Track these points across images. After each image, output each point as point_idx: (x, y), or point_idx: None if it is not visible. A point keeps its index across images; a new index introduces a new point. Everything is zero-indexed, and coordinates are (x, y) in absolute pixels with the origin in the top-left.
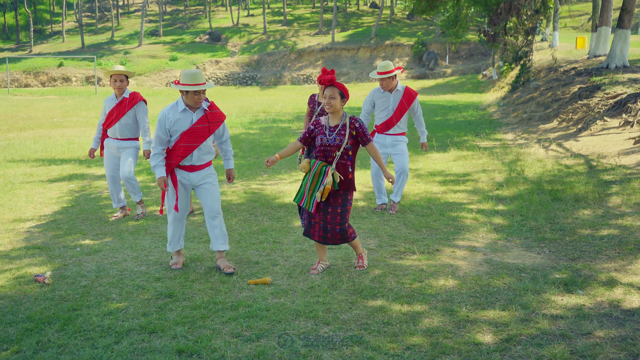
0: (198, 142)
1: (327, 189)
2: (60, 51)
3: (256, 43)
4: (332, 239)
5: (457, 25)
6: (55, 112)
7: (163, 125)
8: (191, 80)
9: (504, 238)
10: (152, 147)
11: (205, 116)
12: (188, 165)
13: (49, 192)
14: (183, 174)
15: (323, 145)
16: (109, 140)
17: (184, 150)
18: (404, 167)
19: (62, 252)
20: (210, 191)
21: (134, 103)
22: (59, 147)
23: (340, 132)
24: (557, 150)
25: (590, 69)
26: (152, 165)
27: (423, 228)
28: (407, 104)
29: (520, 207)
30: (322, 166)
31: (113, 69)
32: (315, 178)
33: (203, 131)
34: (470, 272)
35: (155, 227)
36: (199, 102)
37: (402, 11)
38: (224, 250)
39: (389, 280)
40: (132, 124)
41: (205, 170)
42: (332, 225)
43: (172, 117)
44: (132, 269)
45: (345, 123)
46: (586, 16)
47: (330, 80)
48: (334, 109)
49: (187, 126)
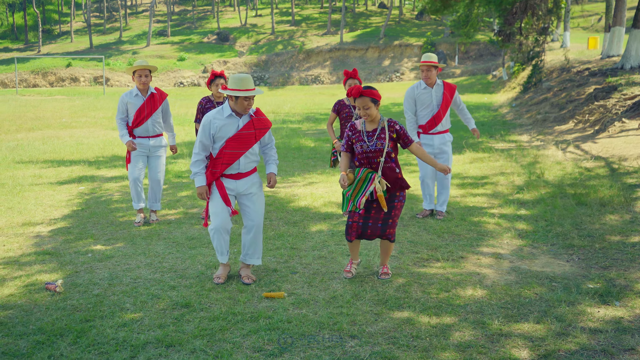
0: (244, 149)
1: (381, 197)
2: (68, 51)
3: (264, 43)
4: (372, 233)
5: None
6: (64, 112)
7: (207, 130)
8: (241, 85)
9: (530, 244)
10: (193, 153)
11: (252, 122)
12: (235, 173)
13: (58, 195)
14: (229, 183)
15: (365, 152)
16: (139, 141)
17: (230, 157)
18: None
19: (73, 258)
20: (255, 202)
21: (163, 98)
22: (67, 148)
23: (380, 136)
24: (575, 153)
25: (605, 70)
26: (193, 172)
27: (445, 234)
28: (450, 96)
29: (543, 212)
30: (367, 172)
31: (137, 64)
32: (360, 183)
33: (249, 138)
34: (499, 281)
35: (168, 232)
36: (247, 108)
37: (411, 11)
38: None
39: (414, 290)
40: (160, 120)
41: (252, 178)
42: (375, 220)
43: (218, 122)
44: (146, 276)
45: (383, 127)
46: (596, 16)
47: (359, 91)
48: (372, 117)
49: (233, 132)
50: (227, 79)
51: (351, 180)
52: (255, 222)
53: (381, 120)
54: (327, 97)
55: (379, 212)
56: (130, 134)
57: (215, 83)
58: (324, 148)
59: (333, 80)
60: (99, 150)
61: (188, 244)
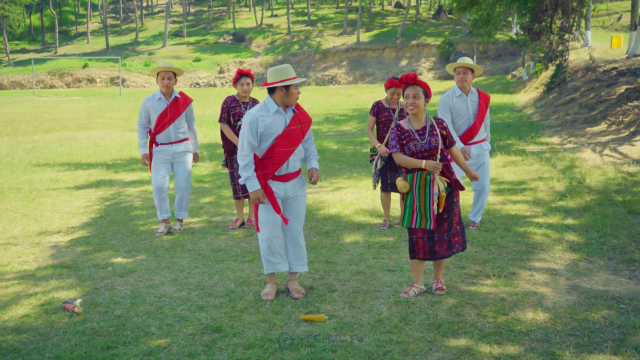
0: (294, 145)
1: (443, 197)
2: (84, 52)
3: (280, 43)
4: (455, 244)
5: (489, 24)
6: (80, 113)
7: (255, 129)
8: (287, 74)
9: (585, 259)
10: (240, 155)
11: (297, 116)
12: (283, 174)
13: (76, 201)
14: (277, 185)
15: (420, 151)
16: (162, 148)
17: (281, 156)
18: (484, 184)
19: (92, 273)
20: (299, 205)
21: (188, 103)
22: (85, 150)
23: (432, 133)
24: (612, 156)
25: (634, 69)
26: (244, 177)
27: (490, 246)
28: (485, 107)
29: (593, 222)
30: (425, 175)
31: (161, 66)
32: (422, 191)
33: (297, 133)
34: (560, 302)
35: (193, 243)
36: (297, 98)
37: (427, 11)
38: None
39: (468, 312)
40: (184, 125)
41: (299, 180)
42: (454, 230)
43: (266, 120)
44: (171, 294)
45: (432, 124)
46: (616, 15)
47: (414, 78)
48: (418, 109)
49: (282, 128)
50: (254, 78)
51: (407, 188)
52: (299, 227)
53: (427, 118)
54: (345, 97)
55: (452, 220)
56: (153, 141)
57: (241, 82)
58: (347, 151)
59: (350, 80)
60: (116, 153)
61: (214, 256)
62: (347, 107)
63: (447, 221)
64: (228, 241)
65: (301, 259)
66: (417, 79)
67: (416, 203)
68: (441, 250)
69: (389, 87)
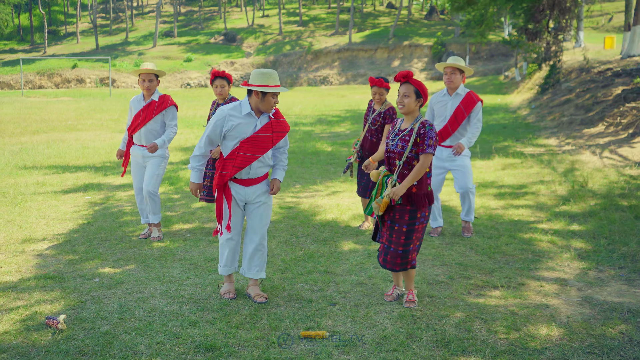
0: (259, 153)
1: (385, 202)
2: (74, 52)
3: (272, 44)
4: (392, 262)
5: (483, 25)
6: (69, 114)
7: (220, 127)
8: (269, 80)
9: (594, 267)
10: (197, 145)
11: (270, 124)
12: (245, 178)
13: (62, 206)
14: (237, 189)
15: (387, 151)
16: (134, 148)
17: (243, 160)
18: (466, 186)
19: (78, 285)
20: (262, 211)
21: (164, 107)
22: (73, 152)
23: (404, 137)
24: (612, 158)
25: (630, 70)
26: (190, 165)
27: (495, 254)
28: (465, 110)
29: (600, 228)
30: (384, 176)
31: (142, 67)
32: (379, 189)
33: (266, 141)
34: (574, 315)
35: (184, 251)
36: (273, 107)
37: (419, 11)
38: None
39: (478, 328)
40: (160, 131)
41: (262, 186)
42: (395, 245)
43: (234, 120)
44: (162, 308)
45: (413, 128)
46: (607, 16)
47: (406, 76)
48: (407, 108)
49: (250, 133)
50: (231, 80)
51: (375, 178)
52: (259, 232)
53: (416, 120)
54: (337, 98)
55: (399, 236)
56: (131, 140)
57: (215, 84)
58: (341, 153)
59: (342, 81)
60: (105, 155)
61: (207, 266)
62: (340, 108)
63: (394, 232)
64: None
65: (262, 266)
66: (410, 76)
67: (372, 196)
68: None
69: (371, 87)
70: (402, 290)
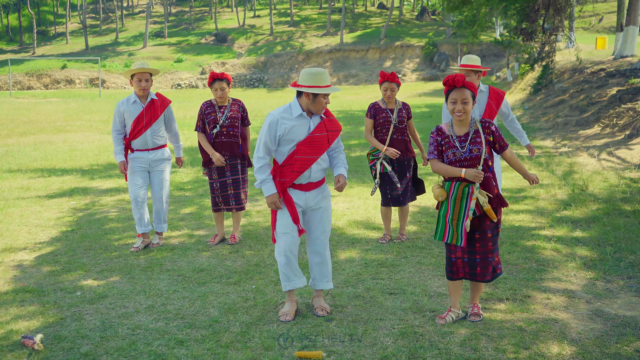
0: (317, 154)
1: (489, 210)
2: (63, 53)
3: (263, 44)
4: (482, 273)
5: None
6: (58, 115)
7: (274, 131)
8: (320, 80)
9: (602, 277)
10: (255, 157)
11: (324, 123)
12: (305, 183)
13: (46, 212)
14: (298, 195)
15: (458, 160)
16: (138, 155)
17: (302, 164)
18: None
19: (58, 299)
20: (324, 218)
21: (165, 105)
22: (60, 155)
23: (474, 140)
24: (611, 160)
25: (624, 70)
26: (259, 180)
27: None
28: (495, 105)
29: (604, 234)
30: (463, 187)
31: (135, 67)
32: (458, 203)
33: (322, 141)
34: (585, 331)
35: (172, 262)
36: (324, 108)
37: (411, 12)
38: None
39: (484, 346)
40: (162, 130)
41: (322, 189)
42: (484, 254)
43: (287, 123)
44: (147, 325)
45: (477, 129)
46: (597, 17)
47: (463, 80)
48: (467, 114)
49: (305, 134)
50: (231, 81)
51: (444, 197)
52: (322, 241)
53: (472, 121)
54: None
55: (486, 244)
56: (128, 147)
57: (214, 87)
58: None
59: (333, 81)
60: (93, 157)
61: (196, 278)
62: (332, 109)
63: (478, 241)
64: (211, 259)
65: (326, 275)
66: (465, 80)
67: (449, 215)
68: (459, 270)
69: (382, 82)
70: (460, 313)
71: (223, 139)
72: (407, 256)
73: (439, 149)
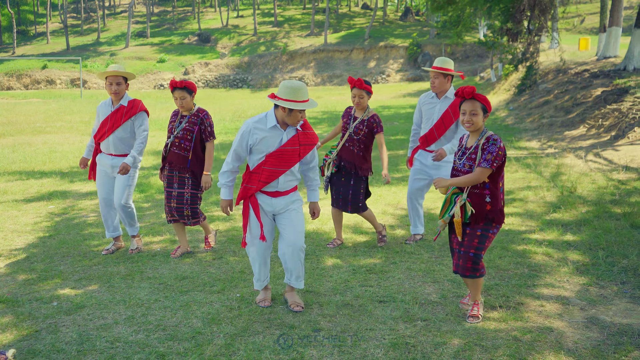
0: (285, 167)
1: (457, 222)
2: (44, 53)
3: (246, 44)
4: (463, 266)
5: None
6: (38, 116)
7: (245, 140)
8: (297, 95)
9: (595, 283)
10: (225, 161)
11: (297, 137)
12: (272, 191)
13: (24, 216)
14: (265, 199)
15: (455, 169)
16: (101, 157)
17: (269, 175)
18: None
19: (33, 310)
20: (294, 219)
21: (133, 113)
22: (39, 157)
23: (471, 155)
24: (598, 162)
25: (607, 71)
26: (219, 183)
27: (489, 268)
28: (454, 115)
29: (595, 238)
30: (452, 194)
31: (109, 70)
32: (445, 206)
33: (292, 155)
34: (581, 341)
35: (153, 269)
36: (299, 122)
37: (394, 12)
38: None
39: (479, 357)
40: (130, 138)
41: (292, 195)
42: (467, 248)
43: (259, 134)
44: (126, 337)
45: (478, 144)
46: (579, 18)
47: (472, 92)
48: (476, 126)
49: (275, 147)
50: (194, 89)
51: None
52: (294, 242)
53: (482, 134)
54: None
55: (472, 239)
56: (98, 147)
57: (174, 96)
58: (320, 156)
59: (317, 82)
60: (73, 159)
61: (178, 286)
62: (317, 110)
63: (467, 235)
64: (194, 266)
65: (298, 277)
66: (475, 92)
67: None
68: (463, 266)
69: (351, 88)
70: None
71: (174, 150)
72: (396, 262)
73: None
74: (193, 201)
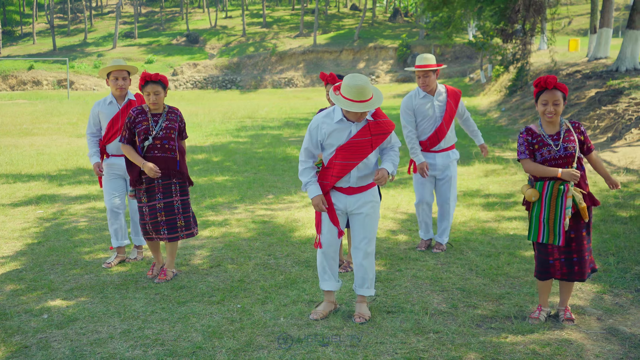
0: (357, 159)
1: (583, 208)
2: (30, 53)
3: (235, 45)
4: (580, 272)
5: (450, 26)
6: (25, 117)
7: (315, 136)
8: (356, 95)
9: (609, 291)
10: (300, 160)
11: (368, 127)
12: (346, 187)
13: (10, 222)
14: (338, 197)
15: (554, 158)
16: (112, 160)
17: (340, 169)
18: (448, 199)
19: (22, 323)
20: (365, 223)
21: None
22: (26, 159)
23: (567, 138)
24: None
25: (600, 72)
26: (303, 183)
27: (498, 276)
28: (454, 104)
29: (604, 243)
30: (558, 185)
31: (112, 64)
32: (553, 202)
33: (364, 146)
34: (603, 354)
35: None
36: (362, 118)
37: (384, 13)
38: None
39: None
40: None
41: (367, 195)
42: (580, 253)
43: (327, 128)
44: (122, 353)
45: (568, 128)
46: (567, 19)
47: (554, 82)
48: (558, 115)
49: (345, 139)
50: (167, 84)
51: (537, 197)
52: (362, 248)
53: (562, 122)
54: (303, 100)
55: (581, 242)
56: (103, 152)
57: (146, 90)
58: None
59: (307, 83)
60: (62, 162)
61: (176, 296)
62: (307, 111)
63: (574, 240)
64: (191, 274)
65: (365, 282)
66: (557, 82)
67: (544, 215)
68: (556, 272)
69: (325, 85)
70: (549, 310)
71: (156, 154)
72: (402, 269)
73: (530, 149)
74: (185, 209)
